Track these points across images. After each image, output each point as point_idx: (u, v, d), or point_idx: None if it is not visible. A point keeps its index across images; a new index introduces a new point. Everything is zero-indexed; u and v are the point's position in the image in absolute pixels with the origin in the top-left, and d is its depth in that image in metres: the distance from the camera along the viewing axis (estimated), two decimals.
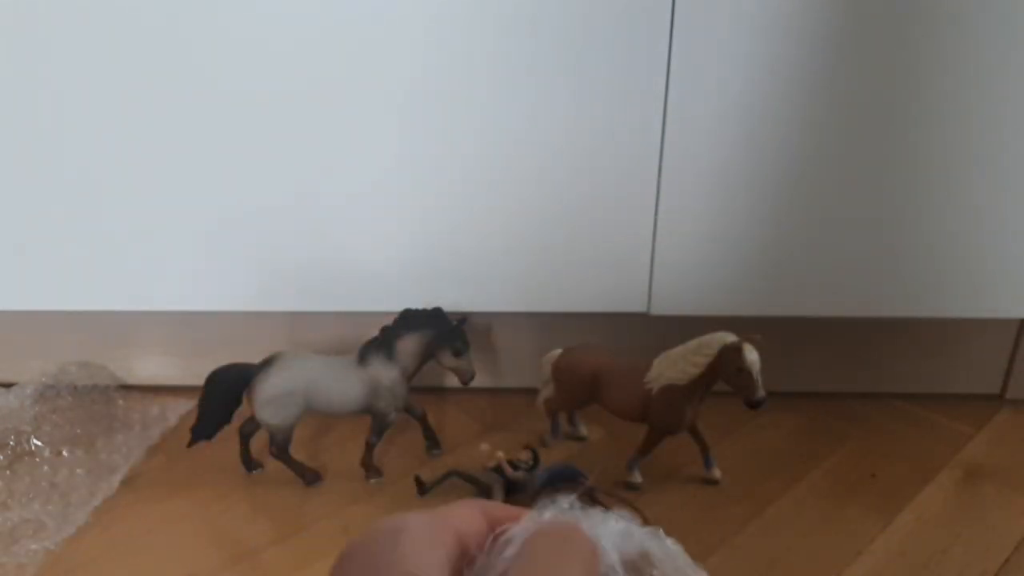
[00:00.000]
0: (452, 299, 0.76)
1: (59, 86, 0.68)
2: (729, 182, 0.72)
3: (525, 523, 0.24)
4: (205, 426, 0.71)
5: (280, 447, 0.72)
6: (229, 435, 0.73)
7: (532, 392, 0.80)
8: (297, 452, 0.74)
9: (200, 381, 0.72)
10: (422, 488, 0.71)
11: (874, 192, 0.72)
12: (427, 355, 0.73)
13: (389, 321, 0.73)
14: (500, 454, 0.70)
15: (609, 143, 0.70)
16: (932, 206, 0.72)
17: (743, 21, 0.65)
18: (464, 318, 0.74)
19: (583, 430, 0.80)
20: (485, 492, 0.69)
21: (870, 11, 0.65)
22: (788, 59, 0.67)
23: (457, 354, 0.73)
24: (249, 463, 0.75)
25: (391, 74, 0.68)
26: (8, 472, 0.75)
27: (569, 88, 0.68)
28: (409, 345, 0.72)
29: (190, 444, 0.72)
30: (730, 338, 0.64)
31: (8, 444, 0.78)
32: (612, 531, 0.25)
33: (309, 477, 0.74)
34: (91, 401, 0.86)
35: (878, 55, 0.66)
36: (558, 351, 0.75)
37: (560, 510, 0.24)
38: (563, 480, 0.68)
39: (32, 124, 0.70)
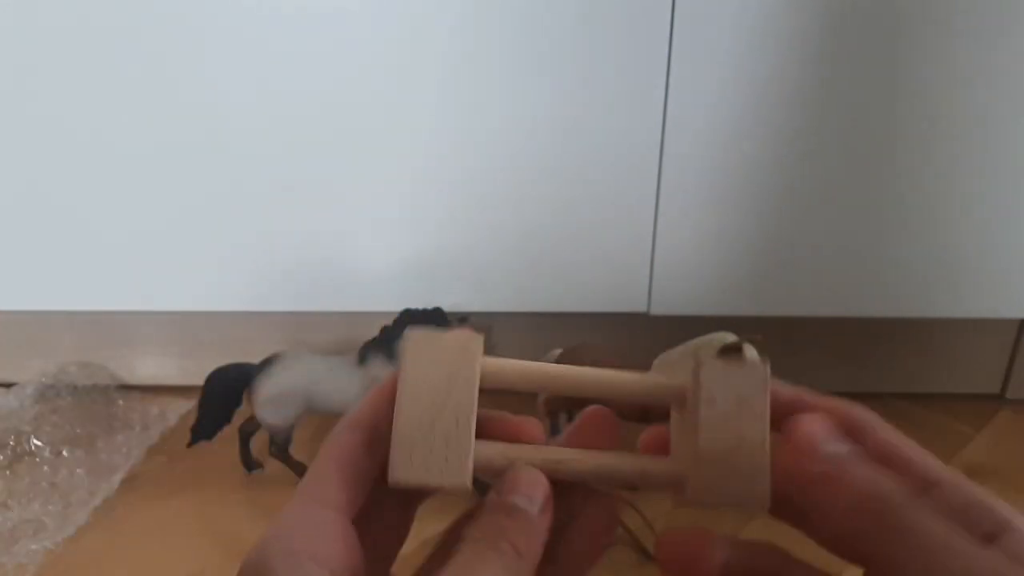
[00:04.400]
0: (452, 299, 0.76)
1: (60, 86, 0.68)
2: (729, 182, 0.72)
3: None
4: (205, 426, 0.71)
5: (280, 447, 0.72)
6: (229, 435, 0.73)
7: (533, 392, 0.80)
8: (297, 452, 0.74)
9: (200, 381, 0.72)
10: None
11: (874, 192, 0.72)
12: None
13: (389, 321, 0.73)
14: None
15: (609, 143, 0.70)
16: (932, 207, 0.72)
17: (742, 24, 0.65)
18: (464, 318, 0.74)
19: None
20: (485, 492, 0.69)
21: (871, 14, 0.65)
22: (787, 61, 0.67)
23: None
24: (249, 463, 0.75)
25: (391, 78, 0.68)
26: (8, 472, 0.75)
27: (569, 89, 0.68)
28: None
29: (190, 444, 0.72)
30: (730, 338, 0.64)
31: (8, 444, 0.78)
32: None
33: None
34: (91, 401, 0.86)
35: (878, 56, 0.66)
36: (558, 351, 0.75)
37: None
38: None
39: (33, 124, 0.70)
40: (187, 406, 0.85)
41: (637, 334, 0.82)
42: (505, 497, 0.24)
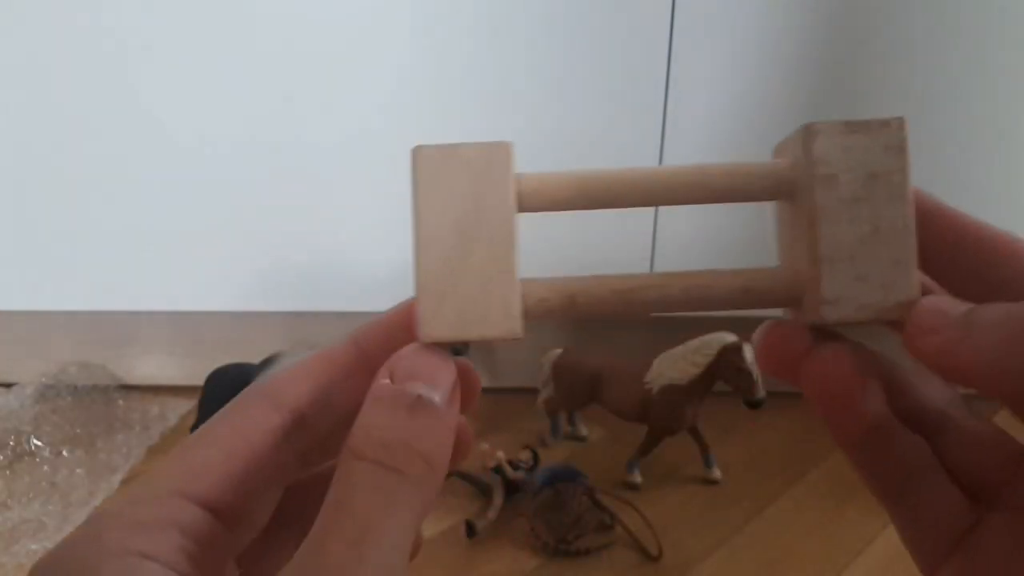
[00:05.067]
0: None
1: (59, 86, 0.68)
2: None
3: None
4: None
5: None
6: None
7: (532, 392, 0.80)
8: None
9: (200, 381, 0.72)
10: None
11: None
12: None
13: None
14: (500, 454, 0.70)
15: (609, 143, 0.70)
16: None
17: (741, 24, 0.65)
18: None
19: (583, 430, 0.80)
20: (485, 492, 0.69)
21: (871, 15, 0.65)
22: (786, 59, 0.67)
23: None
24: None
25: (392, 79, 0.68)
26: (8, 472, 0.75)
27: (569, 90, 0.68)
28: None
29: None
30: (730, 338, 0.64)
31: (8, 444, 0.78)
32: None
33: None
34: (91, 401, 0.86)
35: (877, 58, 0.66)
36: (558, 351, 0.75)
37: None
38: (563, 480, 0.68)
39: (33, 123, 0.70)
40: (187, 406, 0.85)
41: (637, 334, 0.82)
42: (401, 385, 0.17)
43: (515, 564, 0.62)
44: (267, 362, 0.71)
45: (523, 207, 0.19)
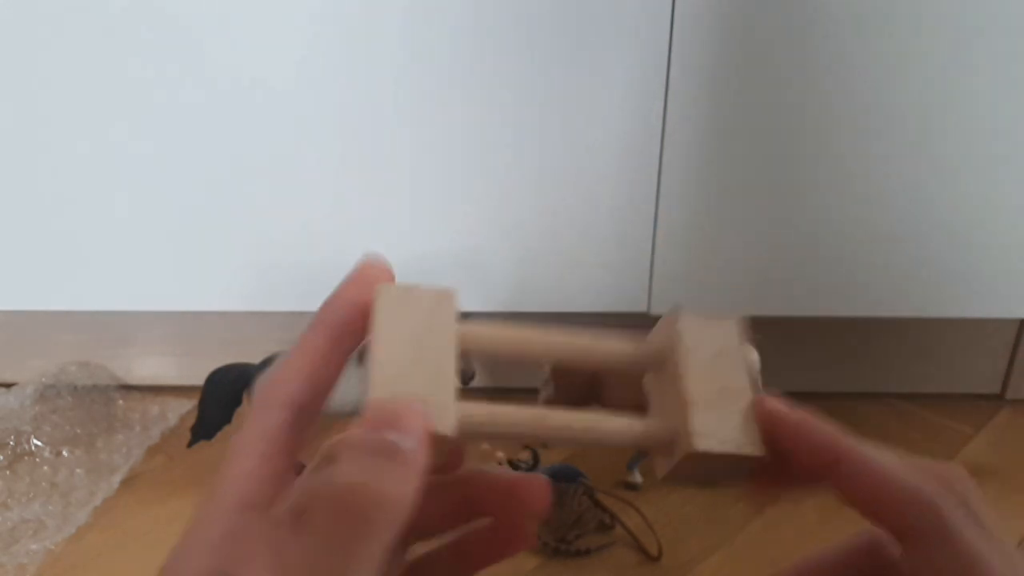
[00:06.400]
0: None
1: (56, 85, 0.68)
2: (729, 182, 0.72)
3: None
4: (205, 426, 0.71)
5: None
6: (229, 435, 0.73)
7: (532, 392, 0.80)
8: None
9: (200, 381, 0.72)
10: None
11: (874, 191, 0.72)
12: None
13: None
14: (500, 454, 0.70)
15: (609, 143, 0.70)
16: (932, 206, 0.72)
17: (742, 26, 0.65)
18: (464, 318, 0.74)
19: None
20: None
21: (870, 15, 0.65)
22: (788, 58, 0.67)
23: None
24: None
25: (389, 75, 0.68)
26: (8, 472, 0.75)
27: (570, 88, 0.68)
28: None
29: (190, 444, 0.72)
30: None
31: (8, 444, 0.78)
32: None
33: None
34: (91, 401, 0.86)
35: (878, 59, 0.66)
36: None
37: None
38: (563, 480, 0.68)
39: (32, 125, 0.70)
40: (187, 406, 0.85)
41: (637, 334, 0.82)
42: (376, 433, 0.20)
43: (515, 564, 0.62)
44: (267, 362, 0.70)
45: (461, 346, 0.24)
